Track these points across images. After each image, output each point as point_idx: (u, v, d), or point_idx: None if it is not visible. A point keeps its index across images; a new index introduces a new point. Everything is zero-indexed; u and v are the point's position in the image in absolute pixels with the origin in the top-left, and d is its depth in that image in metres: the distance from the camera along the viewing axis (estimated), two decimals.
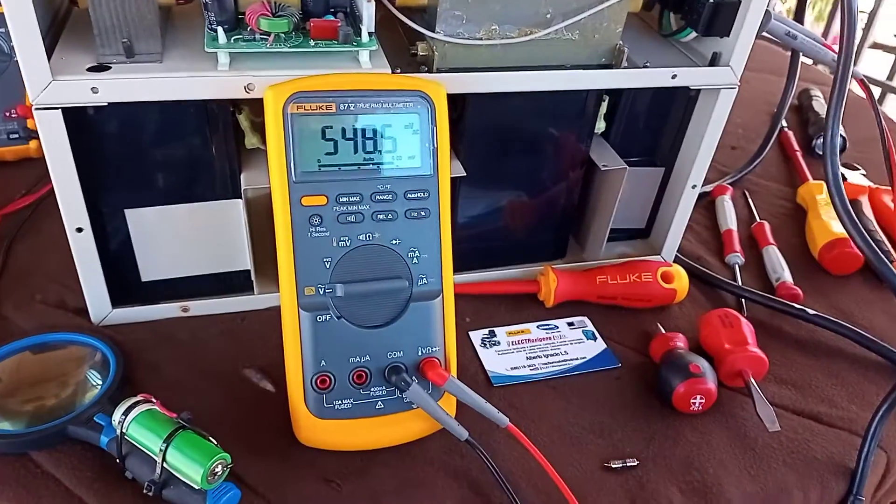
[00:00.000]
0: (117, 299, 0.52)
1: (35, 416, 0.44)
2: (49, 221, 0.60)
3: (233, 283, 0.54)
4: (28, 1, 0.39)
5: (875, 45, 1.95)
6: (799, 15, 0.72)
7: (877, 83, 1.55)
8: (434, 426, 0.46)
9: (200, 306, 0.54)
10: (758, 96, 0.95)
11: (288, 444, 0.45)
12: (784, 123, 0.87)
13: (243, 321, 0.54)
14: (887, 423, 0.49)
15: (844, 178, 0.75)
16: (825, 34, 1.65)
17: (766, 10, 0.52)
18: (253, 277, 0.54)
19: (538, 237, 0.61)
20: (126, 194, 0.49)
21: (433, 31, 0.47)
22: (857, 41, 0.44)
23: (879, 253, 0.44)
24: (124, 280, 0.52)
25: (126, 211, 0.49)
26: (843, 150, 0.82)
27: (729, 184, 0.76)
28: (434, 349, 0.45)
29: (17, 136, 0.66)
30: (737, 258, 0.65)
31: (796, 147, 0.83)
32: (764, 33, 0.54)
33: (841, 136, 0.82)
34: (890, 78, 1.54)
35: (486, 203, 0.57)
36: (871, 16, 1.51)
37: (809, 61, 0.85)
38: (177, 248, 0.52)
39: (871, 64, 1.67)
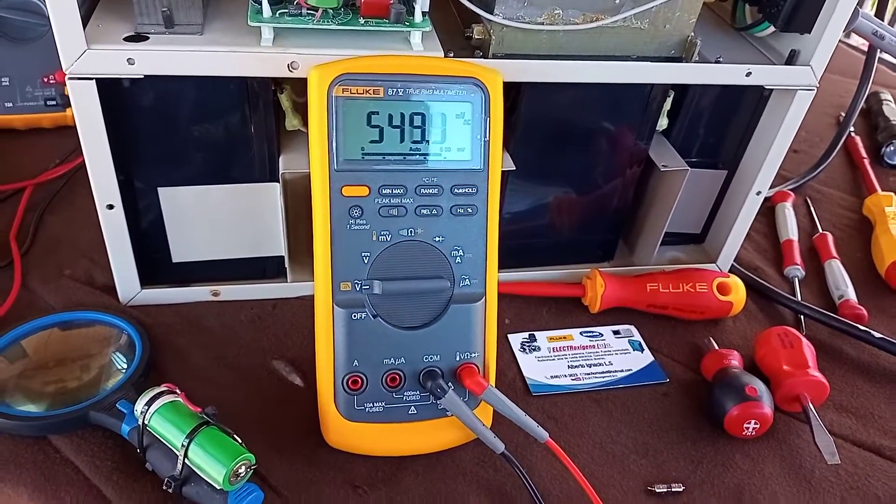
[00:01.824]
0: (146, 279, 0.50)
1: (57, 398, 0.43)
2: (82, 193, 0.58)
3: (265, 269, 0.52)
4: None
5: None
6: (880, 13, 0.67)
7: None
8: (468, 436, 0.43)
9: (231, 291, 0.52)
10: (823, 97, 0.89)
11: (315, 444, 0.43)
12: (852, 128, 0.82)
13: (274, 309, 0.51)
14: None
15: None
16: None
17: (856, 7, 0.47)
18: (287, 264, 0.52)
19: (586, 237, 0.58)
20: (160, 172, 0.46)
21: (491, 13, 0.43)
22: None
23: None
24: (155, 260, 0.50)
25: (159, 189, 0.47)
26: None
27: (790, 190, 0.71)
28: (473, 355, 0.43)
29: (54, 102, 0.65)
30: (797, 271, 0.61)
31: (864, 154, 0.78)
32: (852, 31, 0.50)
33: None
34: None
35: (534, 199, 0.54)
36: None
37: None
38: (210, 230, 0.50)
39: None
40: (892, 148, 0.78)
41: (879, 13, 0.67)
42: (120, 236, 0.47)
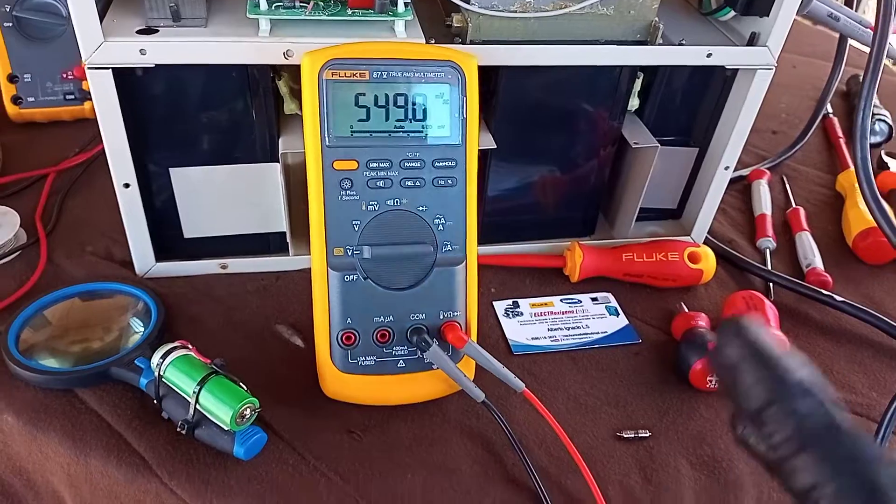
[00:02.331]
0: (161, 254, 0.55)
1: (82, 356, 0.48)
2: (100, 179, 0.63)
3: (269, 243, 0.57)
4: None
5: None
6: None
7: None
8: (452, 387, 0.47)
9: (238, 264, 0.56)
10: (805, 81, 0.94)
11: (314, 396, 0.47)
12: (829, 109, 0.85)
13: (278, 280, 0.56)
14: None
15: (886, 167, 0.74)
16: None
17: None
18: (289, 239, 0.56)
19: (567, 213, 0.62)
20: (171, 153, 0.51)
21: (468, 3, 0.48)
22: (892, 21, 0.43)
23: None
24: (168, 236, 0.55)
25: (171, 169, 0.52)
26: (889, 138, 0.80)
27: (767, 168, 0.75)
28: (455, 314, 0.47)
29: (72, 97, 0.70)
30: (768, 242, 0.65)
31: (840, 134, 0.81)
32: (806, 16, 0.54)
33: (888, 123, 0.80)
34: None
35: (517, 177, 0.58)
36: None
37: (860, 46, 0.83)
38: (217, 207, 0.54)
39: None
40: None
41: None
42: (136, 213, 0.52)
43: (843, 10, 0.55)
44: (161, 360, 0.44)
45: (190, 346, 0.45)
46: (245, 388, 0.43)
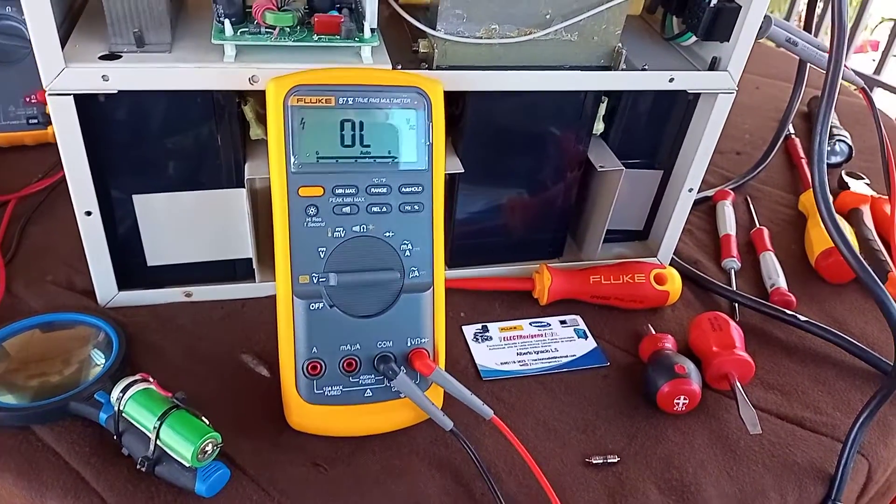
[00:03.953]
0: (123, 282, 0.54)
1: (39, 391, 0.46)
2: (62, 205, 0.61)
3: (235, 270, 0.56)
4: None
5: None
6: (808, 21, 0.72)
7: None
8: (421, 416, 0.47)
9: (203, 292, 0.55)
10: (768, 102, 0.96)
11: (279, 428, 0.46)
12: (791, 130, 0.87)
13: (243, 307, 0.55)
14: (868, 430, 0.50)
15: (847, 187, 0.75)
16: (850, 40, 1.63)
17: (766, 16, 0.52)
18: (255, 266, 0.55)
19: (536, 236, 0.62)
20: (134, 180, 0.50)
21: (434, 29, 0.48)
22: (846, 48, 0.44)
23: (863, 262, 0.44)
24: (131, 264, 0.54)
25: (134, 196, 0.51)
26: (849, 158, 0.82)
27: (731, 189, 0.76)
28: (423, 340, 0.47)
29: (36, 121, 0.68)
30: (733, 263, 0.66)
31: (802, 154, 0.83)
32: (766, 39, 0.55)
33: (847, 144, 0.82)
34: None
35: (485, 200, 0.58)
36: None
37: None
38: (182, 234, 0.53)
39: None
40: (828, 147, 0.83)
41: (807, 23, 0.72)
42: (98, 241, 0.51)
43: (801, 35, 0.56)
44: (121, 395, 0.42)
45: (151, 380, 0.44)
46: (207, 423, 0.42)
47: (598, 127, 0.57)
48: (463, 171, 0.54)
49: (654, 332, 0.56)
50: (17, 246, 0.58)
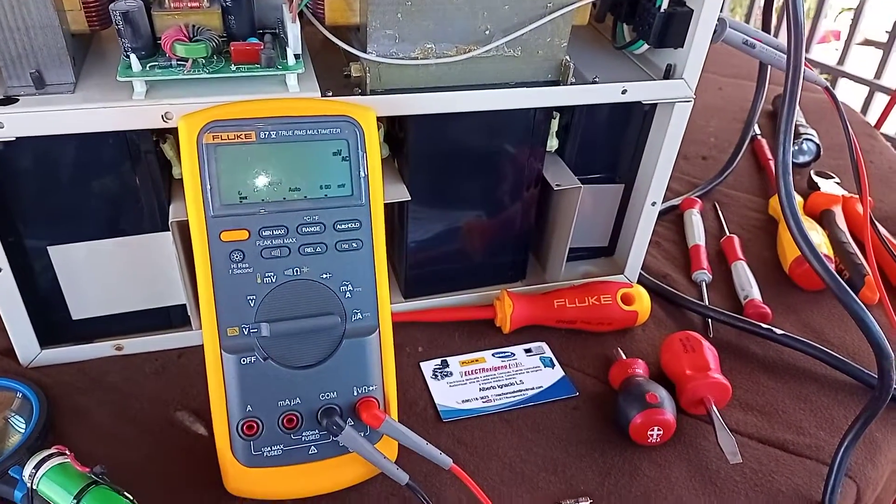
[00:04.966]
0: (47, 339, 0.49)
1: None
2: None
3: (170, 318, 0.52)
4: None
5: (866, 42, 1.93)
6: (766, 20, 0.70)
7: (865, 82, 1.52)
8: (373, 470, 0.43)
9: (135, 344, 0.51)
10: (732, 103, 0.93)
11: (217, 494, 0.42)
12: (757, 131, 0.85)
13: (179, 358, 0.51)
14: (855, 451, 0.47)
15: (817, 188, 0.73)
16: (811, 33, 1.62)
17: (721, 19, 0.49)
18: (190, 312, 0.51)
19: (495, 259, 0.59)
20: (48, 230, 0.46)
21: (365, 52, 0.44)
22: (805, 47, 0.41)
23: (838, 277, 0.41)
24: (54, 319, 0.49)
25: (49, 248, 0.47)
26: (817, 157, 0.80)
27: (698, 196, 0.73)
28: (371, 388, 0.43)
29: None
30: (703, 275, 0.63)
31: (769, 156, 0.81)
32: (722, 43, 0.52)
33: (815, 143, 0.80)
34: (878, 76, 1.51)
35: (438, 225, 0.55)
36: (858, 12, 1.49)
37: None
38: (108, 284, 0.49)
39: (862, 61, 1.63)
40: (795, 147, 0.80)
41: (765, 23, 0.70)
42: (12, 299, 0.46)
43: (759, 36, 0.53)
44: (34, 471, 0.38)
45: (68, 453, 0.39)
46: (130, 498, 0.38)
47: (553, 143, 0.54)
48: (410, 198, 0.51)
49: (623, 356, 0.53)
50: None
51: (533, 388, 0.52)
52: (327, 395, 0.42)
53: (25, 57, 0.40)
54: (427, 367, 0.53)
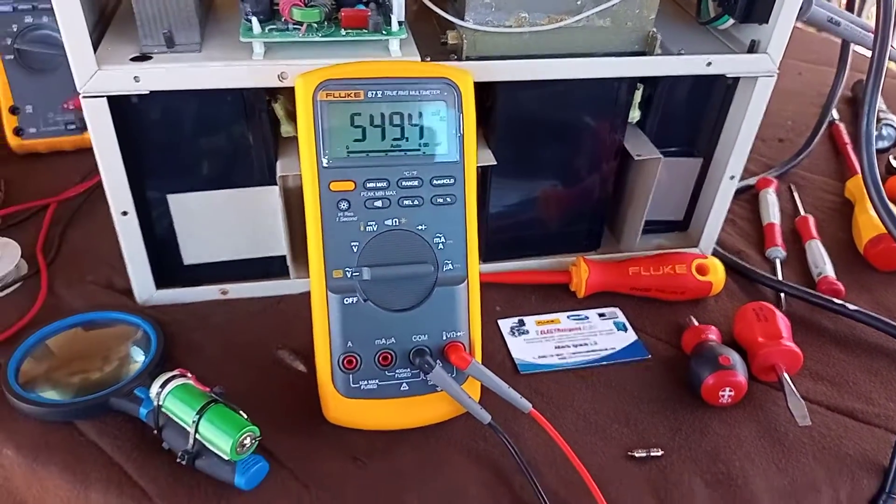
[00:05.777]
0: (161, 281, 0.54)
1: (81, 387, 0.47)
2: (101, 208, 0.61)
3: (270, 267, 0.56)
4: None
5: None
6: (850, 0, 0.70)
7: None
8: (458, 409, 0.46)
9: (239, 289, 0.56)
10: (811, 88, 0.93)
11: (317, 422, 0.46)
12: (836, 116, 0.84)
13: (279, 304, 0.55)
14: None
15: (895, 171, 0.72)
16: None
17: None
18: (289, 262, 0.56)
19: (572, 228, 0.61)
20: (168, 180, 0.51)
21: (462, 20, 0.47)
22: (893, 20, 0.42)
23: None
24: (168, 263, 0.54)
25: (168, 196, 0.51)
26: None
27: (774, 177, 0.74)
28: (458, 334, 0.46)
29: (73, 126, 0.70)
30: (778, 252, 0.64)
31: (846, 140, 0.80)
32: (807, 23, 0.53)
33: (894, 127, 0.79)
34: None
35: (519, 192, 0.58)
36: None
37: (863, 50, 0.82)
38: (217, 232, 0.54)
39: None
40: (875, 133, 0.80)
41: (850, 3, 0.70)
42: (135, 241, 0.51)
43: (843, 15, 0.54)
44: (160, 390, 0.43)
45: (189, 375, 0.44)
46: (245, 417, 0.42)
47: (635, 115, 0.56)
48: (495, 163, 0.53)
49: (696, 323, 0.55)
50: (57, 248, 0.59)
51: (606, 349, 0.54)
52: (419, 338, 0.45)
53: (159, 18, 0.45)
54: (505, 324, 0.56)
